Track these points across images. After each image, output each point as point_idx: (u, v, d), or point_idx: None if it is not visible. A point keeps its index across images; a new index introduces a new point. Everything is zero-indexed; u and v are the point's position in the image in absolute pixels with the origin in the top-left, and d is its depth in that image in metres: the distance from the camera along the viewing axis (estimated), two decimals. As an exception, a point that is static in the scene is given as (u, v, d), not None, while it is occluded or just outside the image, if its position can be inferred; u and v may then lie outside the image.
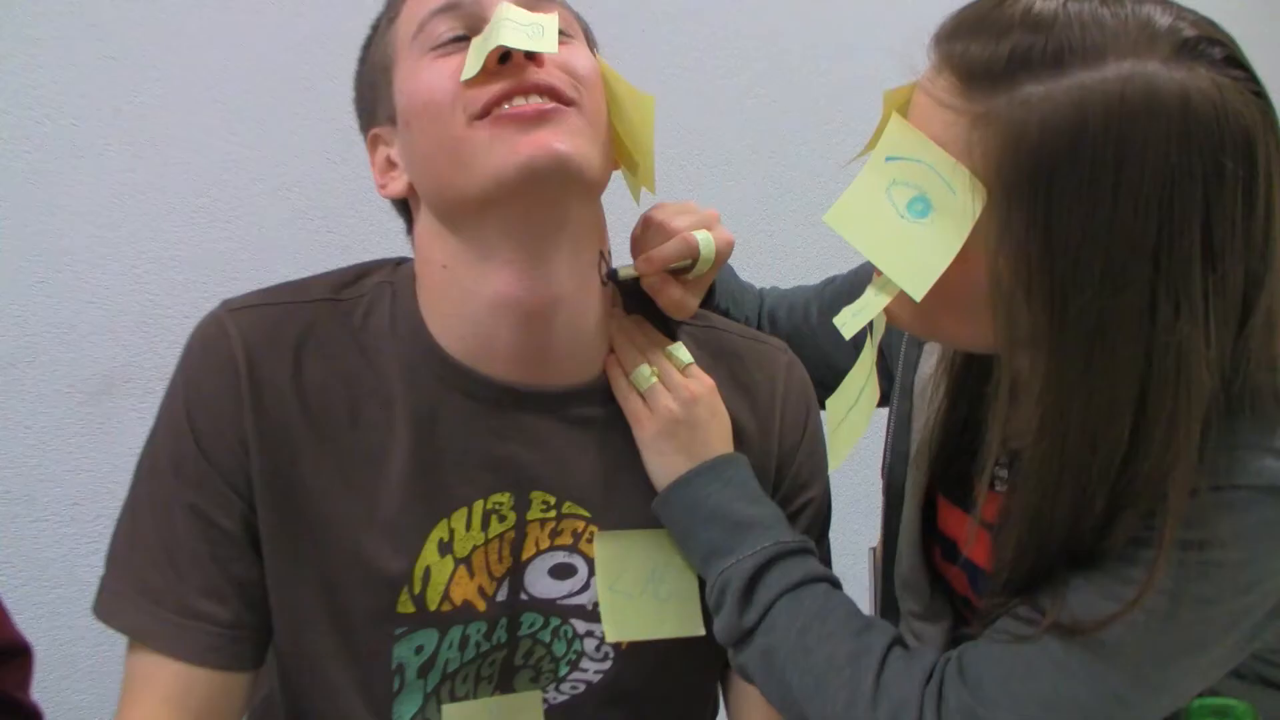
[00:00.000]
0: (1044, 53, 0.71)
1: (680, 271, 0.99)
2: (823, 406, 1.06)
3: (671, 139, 2.01)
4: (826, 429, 0.98)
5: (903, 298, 0.78)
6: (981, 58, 0.73)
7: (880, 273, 0.81)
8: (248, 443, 0.86)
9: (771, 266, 2.12)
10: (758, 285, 1.32)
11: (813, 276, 1.30)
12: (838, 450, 0.93)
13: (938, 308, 0.78)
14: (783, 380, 1.02)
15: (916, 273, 0.76)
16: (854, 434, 0.90)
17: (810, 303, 1.22)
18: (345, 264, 0.98)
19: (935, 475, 1.00)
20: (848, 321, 0.83)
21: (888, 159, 0.78)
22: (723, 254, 0.99)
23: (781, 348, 1.05)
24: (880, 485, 1.11)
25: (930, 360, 1.01)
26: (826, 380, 1.07)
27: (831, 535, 1.06)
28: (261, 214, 1.71)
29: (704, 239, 0.97)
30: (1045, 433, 0.76)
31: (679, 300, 0.99)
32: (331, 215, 1.76)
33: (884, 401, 1.05)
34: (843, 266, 1.23)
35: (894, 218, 0.77)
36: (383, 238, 1.75)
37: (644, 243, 0.99)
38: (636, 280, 0.99)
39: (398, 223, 1.00)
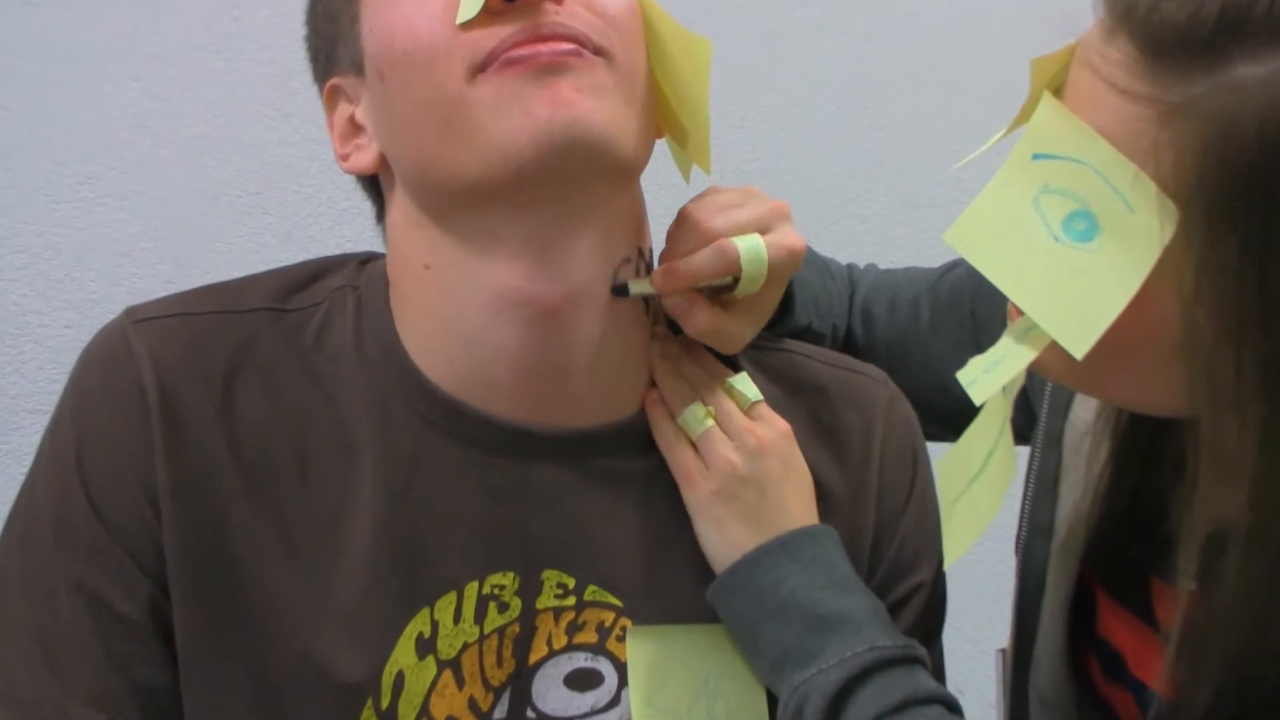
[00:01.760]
0: (1268, 16, 0.69)
1: (720, 290, 0.97)
2: (928, 437, 1.06)
3: (727, 94, 2.02)
4: (940, 504, 0.97)
5: (1053, 347, 0.78)
6: (1176, 22, 0.71)
7: (1021, 312, 0.80)
8: (159, 500, 0.87)
9: (862, 261, 2.11)
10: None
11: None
12: (956, 538, 0.90)
13: (1105, 362, 0.77)
14: (881, 424, 1.03)
15: (1077, 320, 0.75)
16: (979, 516, 0.88)
17: (920, 299, 1.22)
18: (290, 260, 0.99)
19: (1093, 561, 0.99)
20: (978, 380, 0.82)
21: (1035, 156, 0.77)
22: (781, 268, 0.96)
23: (880, 379, 1.06)
24: (1012, 565, 1.10)
25: (1088, 403, 1.01)
26: (938, 407, 1.07)
27: (945, 632, 1.07)
28: (172, 189, 1.73)
29: (748, 249, 0.93)
30: (1261, 523, 0.75)
31: (708, 327, 0.96)
32: (268, 192, 1.77)
33: (1019, 438, 1.04)
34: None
35: (1044, 240, 0.77)
36: (340, 224, 1.76)
37: (672, 245, 0.97)
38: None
39: (361, 205, 1.01)
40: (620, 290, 0.93)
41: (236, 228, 1.75)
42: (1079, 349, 0.75)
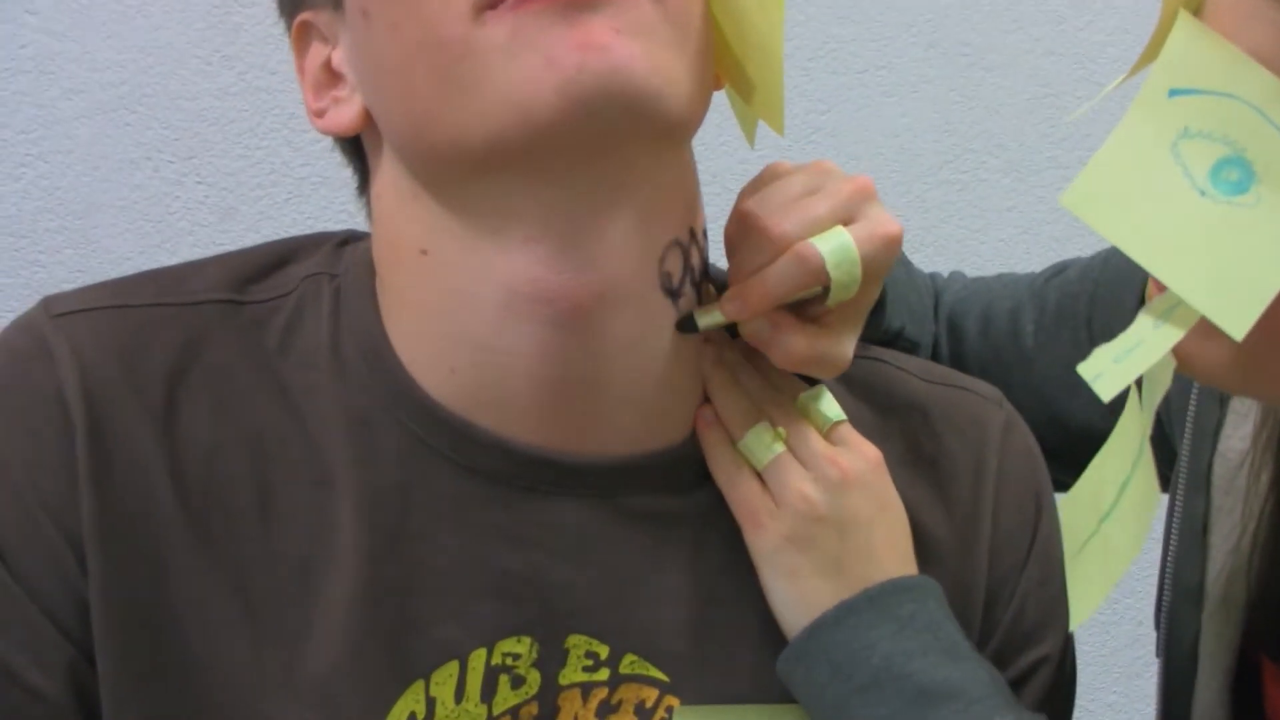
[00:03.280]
0: None
1: (806, 303, 0.96)
2: None
3: (791, 29, 2.01)
4: (1064, 549, 0.97)
5: (1206, 332, 0.78)
6: None
7: (1162, 288, 0.81)
8: (82, 545, 0.87)
9: (964, 246, 2.09)
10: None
11: (1029, 263, 1.30)
12: (1085, 591, 0.90)
13: (1269, 347, 0.78)
14: (996, 454, 1.03)
15: (1233, 291, 0.75)
16: (1113, 563, 0.87)
17: (1021, 309, 1.22)
18: (233, 243, 0.99)
19: (1257, 622, 1.00)
20: (1106, 371, 0.82)
21: (1172, 93, 0.78)
22: (877, 263, 0.94)
23: (994, 398, 1.06)
24: (1154, 635, 1.11)
25: (1242, 428, 1.01)
26: (1048, 442, 1.08)
27: (1075, 716, 1.07)
28: (82, 153, 1.73)
29: (834, 250, 0.91)
30: None
31: (805, 353, 0.95)
32: (205, 156, 1.76)
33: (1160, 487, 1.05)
34: (1084, 249, 1.23)
35: (1187, 195, 0.77)
36: (297, 198, 1.75)
37: (739, 259, 0.97)
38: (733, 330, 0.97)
39: (325, 173, 1.01)
40: (687, 325, 0.93)
41: (165, 201, 1.75)
42: (1238, 328, 0.74)
